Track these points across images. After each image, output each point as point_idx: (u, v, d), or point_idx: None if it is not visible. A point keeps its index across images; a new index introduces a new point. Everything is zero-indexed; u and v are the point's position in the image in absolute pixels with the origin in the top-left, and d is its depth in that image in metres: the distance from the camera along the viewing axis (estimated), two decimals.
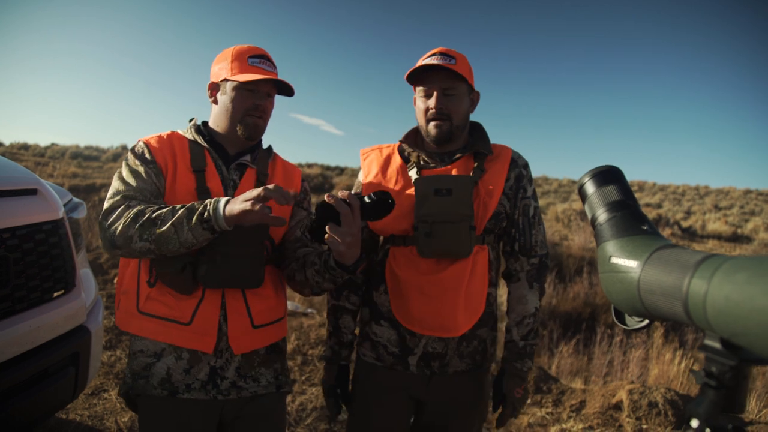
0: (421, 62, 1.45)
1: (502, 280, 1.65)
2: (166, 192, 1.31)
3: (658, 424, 2.86)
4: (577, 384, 3.75)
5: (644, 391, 3.08)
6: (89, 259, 5.80)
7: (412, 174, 1.48)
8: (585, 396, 3.28)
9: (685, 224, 13.76)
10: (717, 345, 0.49)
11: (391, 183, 1.50)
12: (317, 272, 1.30)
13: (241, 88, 1.35)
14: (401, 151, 1.57)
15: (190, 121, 1.47)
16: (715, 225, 14.08)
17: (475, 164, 1.48)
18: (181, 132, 1.43)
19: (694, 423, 0.51)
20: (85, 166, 16.89)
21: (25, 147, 22.37)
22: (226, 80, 1.36)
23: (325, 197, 1.19)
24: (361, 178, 1.57)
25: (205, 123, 1.48)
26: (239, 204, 1.11)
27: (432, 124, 1.46)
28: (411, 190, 1.45)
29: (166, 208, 1.19)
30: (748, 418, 3.02)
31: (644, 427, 2.86)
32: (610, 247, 0.61)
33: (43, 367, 1.59)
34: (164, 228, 1.15)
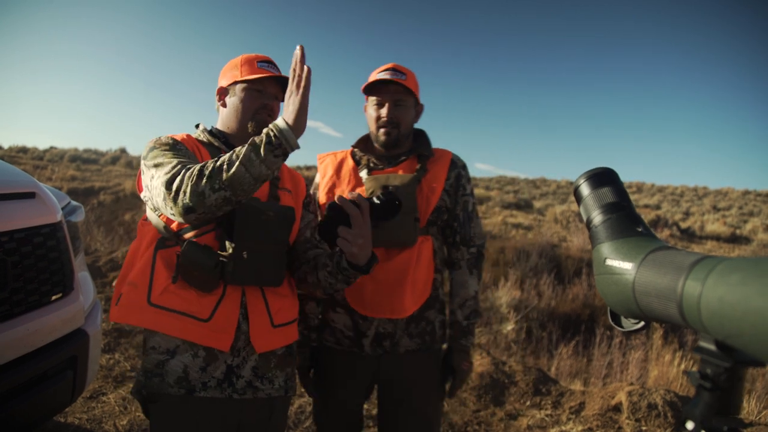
0: (376, 76, 1.65)
1: None
2: None
3: (658, 426, 2.86)
4: (577, 386, 3.75)
5: (643, 392, 3.07)
6: (88, 262, 5.80)
7: (363, 174, 1.68)
8: (584, 398, 3.28)
9: (683, 225, 13.77)
10: (712, 347, 0.49)
11: (344, 182, 1.69)
12: (330, 273, 1.33)
13: (250, 88, 1.42)
14: (353, 155, 1.76)
15: (197, 126, 1.50)
16: (713, 226, 14.10)
17: (419, 165, 1.68)
18: (194, 135, 1.46)
19: (690, 425, 0.51)
20: (83, 169, 16.89)
21: (23, 150, 22.37)
22: (235, 83, 1.43)
23: (335, 199, 1.22)
24: (318, 179, 1.76)
25: (213, 128, 1.51)
26: (291, 107, 1.15)
27: (382, 130, 1.66)
28: (362, 189, 1.65)
29: (224, 155, 1.16)
30: (748, 420, 3.02)
31: (644, 428, 2.86)
32: (605, 249, 0.61)
33: (41, 370, 1.59)
34: (233, 170, 1.11)
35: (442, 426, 2.95)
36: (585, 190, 0.67)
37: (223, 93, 1.47)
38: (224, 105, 1.47)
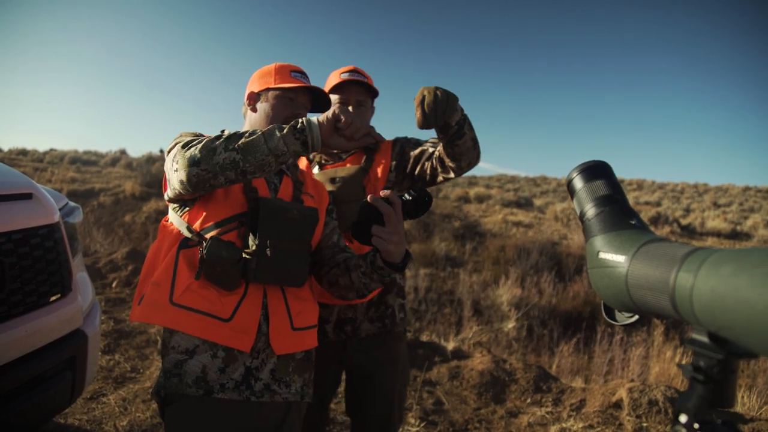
0: (340, 76, 1.75)
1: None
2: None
3: (659, 422, 2.86)
4: (578, 383, 3.75)
5: (644, 389, 3.07)
6: (87, 263, 5.80)
7: (315, 170, 1.82)
8: (585, 395, 3.27)
9: (684, 222, 13.76)
10: (704, 339, 0.48)
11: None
12: (364, 274, 1.33)
13: (283, 96, 1.45)
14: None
15: (223, 132, 1.50)
16: (714, 222, 14.08)
17: (365, 157, 1.80)
18: None
19: (683, 418, 0.50)
20: (83, 171, 16.90)
21: (23, 152, 22.37)
22: (268, 89, 1.46)
23: (367, 198, 1.23)
24: None
25: None
26: (325, 116, 1.18)
27: None
28: None
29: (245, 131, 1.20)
30: (749, 415, 3.02)
31: (644, 425, 2.85)
32: (598, 242, 0.61)
33: (40, 371, 1.59)
34: (253, 137, 1.14)
35: (443, 424, 2.95)
36: (578, 183, 0.67)
37: (253, 98, 1.49)
38: (254, 110, 1.49)
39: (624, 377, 4.12)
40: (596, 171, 0.66)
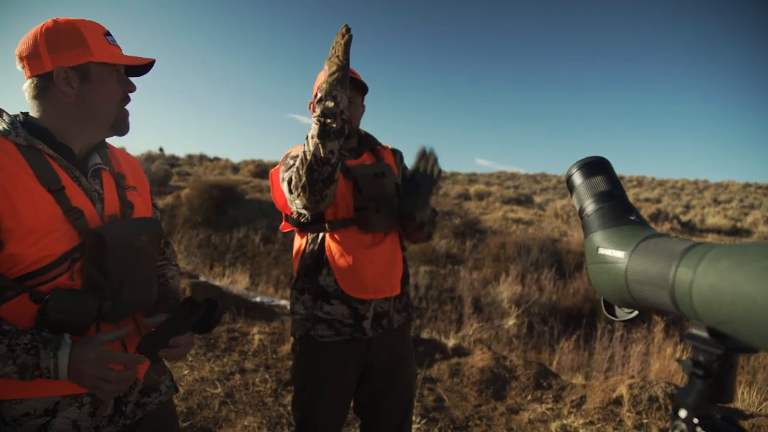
0: None
1: None
2: None
3: (659, 419, 2.86)
4: (578, 380, 3.75)
5: (644, 385, 3.08)
6: None
7: (342, 165, 1.72)
8: (585, 391, 3.28)
9: (684, 218, 13.76)
10: (704, 334, 0.49)
11: None
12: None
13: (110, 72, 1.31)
14: None
15: None
16: (714, 219, 14.08)
17: (375, 157, 1.82)
18: None
19: (683, 413, 0.51)
20: None
21: None
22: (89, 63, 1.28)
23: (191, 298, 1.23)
24: None
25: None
26: None
27: None
28: (345, 180, 1.69)
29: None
30: (749, 411, 3.02)
31: (645, 421, 2.86)
32: (598, 237, 0.61)
33: None
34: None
35: (443, 421, 2.96)
36: (577, 179, 0.67)
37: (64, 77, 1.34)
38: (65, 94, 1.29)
39: (624, 374, 4.12)
40: (596, 167, 0.66)
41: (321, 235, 1.70)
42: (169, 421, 1.33)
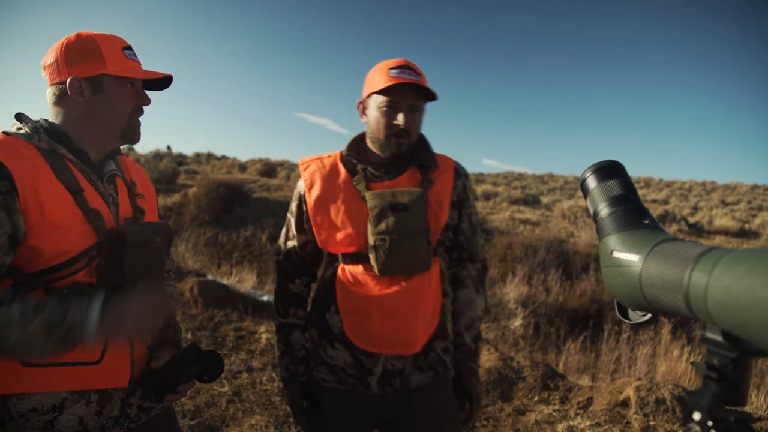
0: (390, 73, 1.37)
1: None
2: None
3: (666, 421, 2.85)
4: (585, 381, 3.75)
5: (651, 387, 3.07)
6: None
7: (361, 188, 1.42)
8: (592, 393, 3.27)
9: (692, 220, 13.68)
10: (718, 337, 0.49)
11: (339, 198, 1.43)
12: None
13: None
14: (345, 162, 1.49)
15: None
16: (722, 220, 13.99)
17: (422, 176, 1.45)
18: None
19: (697, 416, 0.51)
20: None
21: None
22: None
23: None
24: (302, 189, 1.49)
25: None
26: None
27: (395, 140, 1.40)
28: (361, 205, 1.40)
29: None
30: (757, 414, 3.01)
31: (652, 423, 2.85)
32: (612, 241, 0.62)
33: None
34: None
35: None
36: (592, 182, 0.67)
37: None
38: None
39: (631, 376, 4.11)
40: (610, 171, 0.67)
41: (336, 264, 1.45)
42: (172, 426, 1.35)
